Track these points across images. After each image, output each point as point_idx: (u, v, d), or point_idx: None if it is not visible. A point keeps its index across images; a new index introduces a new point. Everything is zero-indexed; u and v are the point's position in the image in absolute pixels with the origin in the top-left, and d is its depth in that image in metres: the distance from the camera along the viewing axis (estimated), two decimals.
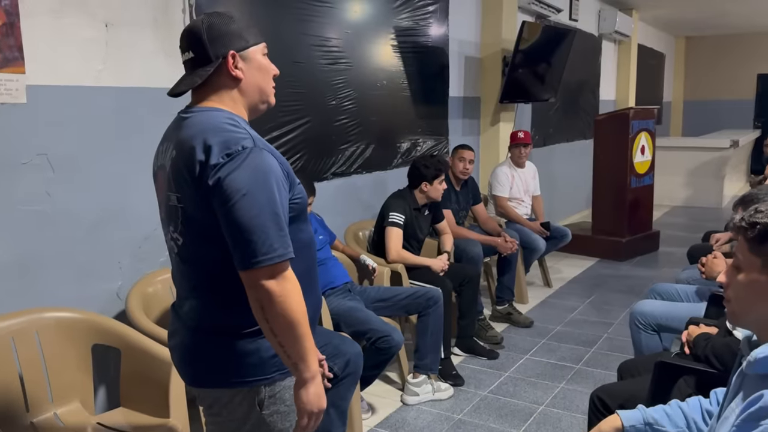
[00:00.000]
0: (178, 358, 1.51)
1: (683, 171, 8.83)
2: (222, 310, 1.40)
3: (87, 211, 2.52)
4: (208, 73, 1.39)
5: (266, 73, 1.47)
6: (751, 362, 1.19)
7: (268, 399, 1.43)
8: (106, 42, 2.55)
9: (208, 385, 1.45)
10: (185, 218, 1.37)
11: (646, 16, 9.45)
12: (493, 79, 5.40)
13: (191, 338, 1.45)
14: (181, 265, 1.45)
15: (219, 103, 1.42)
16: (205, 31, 1.39)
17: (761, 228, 1.21)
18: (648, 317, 2.78)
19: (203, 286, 1.42)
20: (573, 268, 5.63)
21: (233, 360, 1.40)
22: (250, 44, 1.43)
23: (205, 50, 1.39)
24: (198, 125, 1.36)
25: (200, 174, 1.30)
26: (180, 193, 1.36)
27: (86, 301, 2.49)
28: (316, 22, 3.62)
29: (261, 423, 1.44)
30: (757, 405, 1.11)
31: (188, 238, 1.39)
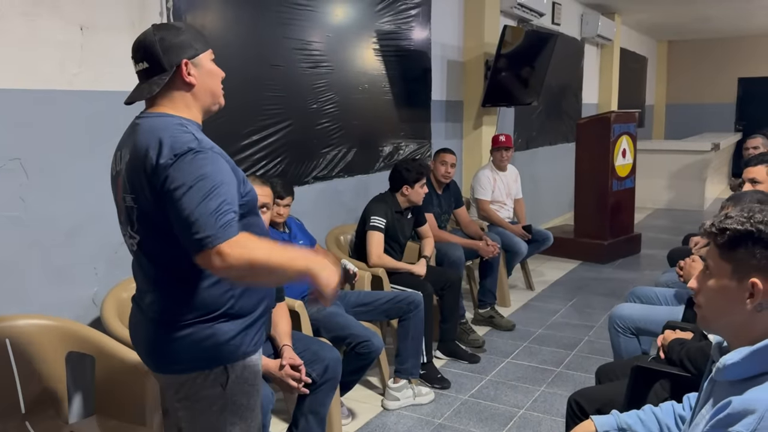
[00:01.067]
0: (142, 348, 1.60)
1: (665, 174, 8.91)
2: (179, 301, 1.50)
3: (62, 216, 2.48)
4: (164, 81, 1.50)
5: (216, 77, 1.59)
6: (720, 369, 1.19)
7: (231, 379, 1.53)
8: (81, 45, 2.53)
9: (173, 371, 1.54)
10: (140, 217, 1.48)
11: (628, 20, 9.54)
12: (475, 83, 5.42)
13: (153, 329, 1.54)
14: (140, 262, 1.55)
15: (172, 108, 1.52)
16: (158, 42, 1.50)
17: (731, 234, 1.21)
18: (626, 321, 2.79)
19: (160, 280, 1.53)
20: (556, 271, 5.65)
21: (193, 346, 1.50)
22: (199, 51, 1.55)
23: (158, 60, 1.50)
24: (150, 130, 1.46)
25: (152, 174, 1.40)
26: (134, 194, 1.47)
27: (62, 307, 2.46)
28: (296, 25, 3.61)
29: (227, 402, 1.54)
30: (725, 412, 1.12)
31: (144, 236, 1.50)
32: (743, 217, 1.21)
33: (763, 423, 1.06)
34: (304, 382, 2.26)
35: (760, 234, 1.18)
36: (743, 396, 1.11)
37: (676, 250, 4.08)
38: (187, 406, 1.55)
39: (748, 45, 11.68)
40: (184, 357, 1.51)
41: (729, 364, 1.17)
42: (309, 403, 2.45)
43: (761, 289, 1.16)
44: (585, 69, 8.31)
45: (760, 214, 1.20)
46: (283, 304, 2.57)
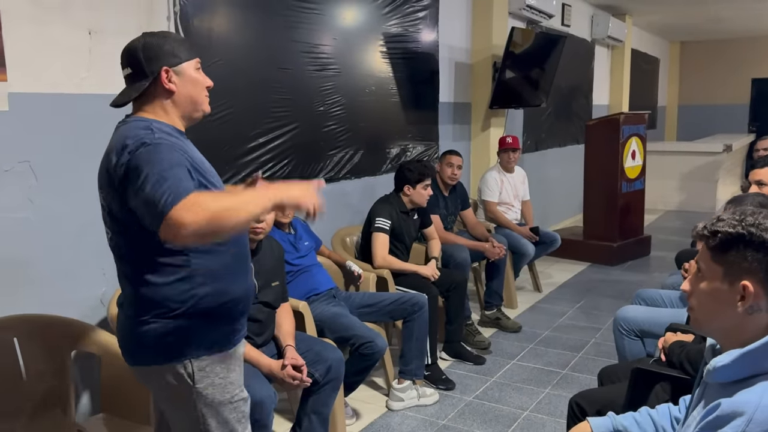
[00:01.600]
0: (119, 342, 1.66)
1: (677, 175, 8.85)
2: (144, 296, 1.55)
3: (70, 218, 2.53)
4: (143, 86, 1.57)
5: (198, 85, 1.63)
6: (710, 371, 1.20)
7: (198, 373, 1.57)
8: (89, 49, 2.57)
9: (141, 363, 1.61)
10: (109, 214, 1.56)
11: (639, 21, 9.49)
12: (483, 85, 5.42)
13: (124, 323, 1.62)
14: (114, 256, 1.62)
15: (151, 113, 1.58)
16: (141, 49, 1.57)
17: (722, 236, 1.22)
18: (631, 323, 2.78)
19: (127, 275, 1.59)
20: (564, 272, 5.64)
21: (157, 340, 1.55)
22: (182, 60, 1.60)
23: (141, 66, 1.57)
24: (121, 134, 1.52)
25: (114, 173, 1.48)
26: (103, 192, 1.55)
27: (70, 307, 2.49)
28: (304, 28, 3.64)
29: (199, 396, 1.59)
30: (714, 414, 1.12)
31: (113, 232, 1.58)
32: (735, 220, 1.22)
33: (751, 426, 1.07)
34: (305, 382, 2.28)
35: (752, 237, 1.18)
36: (732, 398, 1.12)
37: (684, 252, 4.06)
38: (162, 399, 1.67)
39: (762, 45, 11.58)
40: (149, 350, 1.57)
41: (719, 366, 1.18)
42: (312, 403, 2.48)
43: (752, 291, 1.17)
44: (595, 70, 8.28)
45: (752, 216, 1.21)
46: (286, 305, 2.59)
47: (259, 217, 1.58)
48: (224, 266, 1.60)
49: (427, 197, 3.61)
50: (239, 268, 1.65)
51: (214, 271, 1.58)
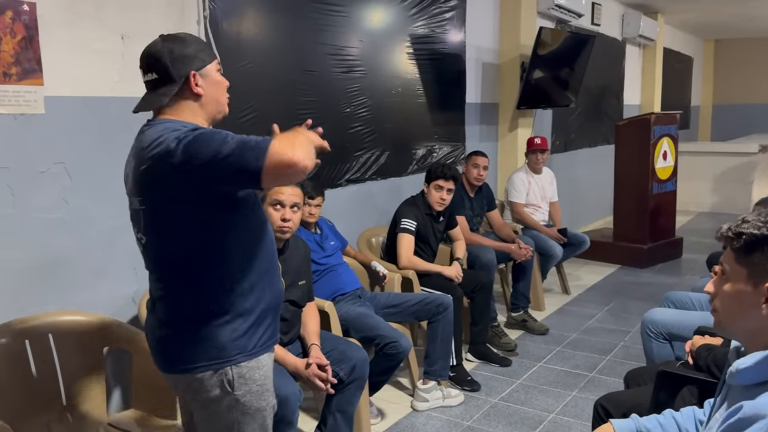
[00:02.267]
0: (152, 348, 1.64)
1: (710, 176, 8.68)
2: (185, 301, 1.54)
3: (103, 218, 2.59)
4: (173, 91, 1.55)
5: (221, 87, 1.64)
6: (733, 373, 1.18)
7: (237, 380, 1.56)
8: (122, 54, 2.63)
9: (177, 371, 1.58)
10: (147, 218, 1.53)
11: (672, 20, 9.33)
12: (511, 85, 5.40)
13: (161, 328, 1.60)
14: (148, 262, 1.61)
15: (178, 116, 1.56)
16: (167, 54, 1.54)
17: (747, 238, 1.21)
18: (659, 326, 2.75)
19: (167, 279, 1.57)
20: (593, 275, 5.57)
21: (199, 346, 1.53)
22: (206, 63, 1.60)
23: (167, 71, 1.54)
24: (151, 134, 1.50)
25: (164, 166, 1.43)
26: (141, 195, 1.52)
27: (103, 305, 2.56)
28: (331, 31, 3.67)
29: (236, 402, 1.57)
30: (736, 416, 1.11)
31: (151, 236, 1.55)
32: (760, 222, 1.20)
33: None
34: (330, 382, 2.30)
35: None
36: (755, 401, 1.11)
37: (715, 255, 3.98)
38: (198, 407, 1.61)
39: None
40: (190, 357, 1.54)
41: (742, 368, 1.16)
42: (337, 402, 2.50)
43: None
44: (627, 70, 8.17)
45: None
46: (312, 305, 2.62)
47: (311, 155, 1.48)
48: (260, 268, 1.59)
49: (439, 200, 3.55)
50: (272, 268, 1.65)
51: (252, 273, 1.56)
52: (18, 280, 2.34)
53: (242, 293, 1.55)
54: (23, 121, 2.32)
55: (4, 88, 2.25)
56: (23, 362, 2.14)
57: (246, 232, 1.57)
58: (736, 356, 1.27)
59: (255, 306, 1.58)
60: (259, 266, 1.58)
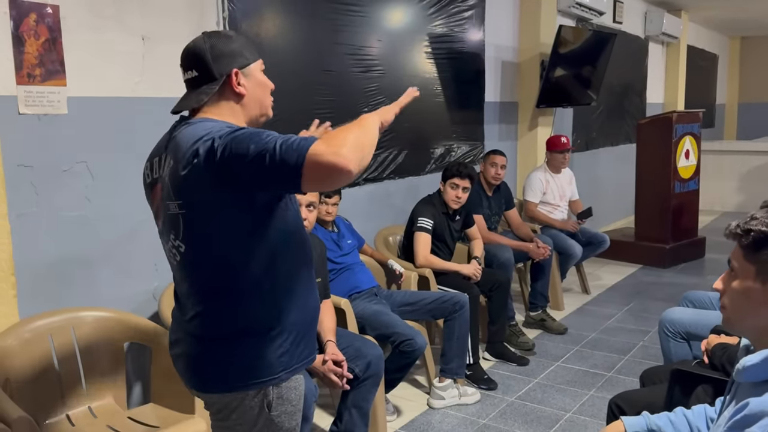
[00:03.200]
0: (183, 366, 1.52)
1: (735, 176, 8.54)
2: (227, 315, 1.43)
3: (124, 215, 2.65)
4: (213, 90, 1.44)
5: (265, 88, 1.54)
6: (740, 370, 1.18)
7: (276, 400, 1.46)
8: (142, 55, 2.69)
9: (218, 391, 1.47)
10: (187, 224, 1.39)
11: (696, 17, 9.20)
12: (531, 84, 5.38)
13: (197, 345, 1.47)
14: (184, 273, 1.47)
15: (218, 115, 1.46)
16: (209, 51, 1.44)
17: (755, 235, 1.20)
18: (677, 325, 2.73)
19: (207, 292, 1.44)
20: (614, 275, 5.53)
21: (241, 364, 1.43)
22: (250, 61, 1.50)
23: (208, 69, 1.45)
24: (191, 134, 1.38)
25: (206, 164, 1.31)
26: (182, 199, 1.38)
27: (124, 301, 2.62)
28: (349, 31, 3.70)
29: (270, 424, 1.47)
30: (742, 413, 1.11)
31: (192, 244, 1.41)
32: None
33: None
34: (345, 378, 2.32)
35: None
36: (761, 398, 1.10)
37: None
38: (227, 426, 1.49)
39: None
40: (229, 376, 1.43)
41: (749, 365, 1.16)
42: (352, 398, 2.52)
43: None
44: (649, 68, 8.07)
45: None
46: (328, 302, 2.65)
47: (381, 126, 1.47)
48: (304, 281, 1.50)
49: (454, 198, 3.56)
50: (311, 280, 1.55)
51: (297, 286, 1.48)
52: (41, 276, 2.40)
53: (286, 307, 1.45)
54: (47, 121, 2.38)
55: (28, 89, 2.31)
56: (46, 356, 2.20)
57: (293, 245, 1.47)
58: (745, 354, 1.27)
59: (298, 320, 1.48)
60: (303, 279, 1.50)
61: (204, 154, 1.32)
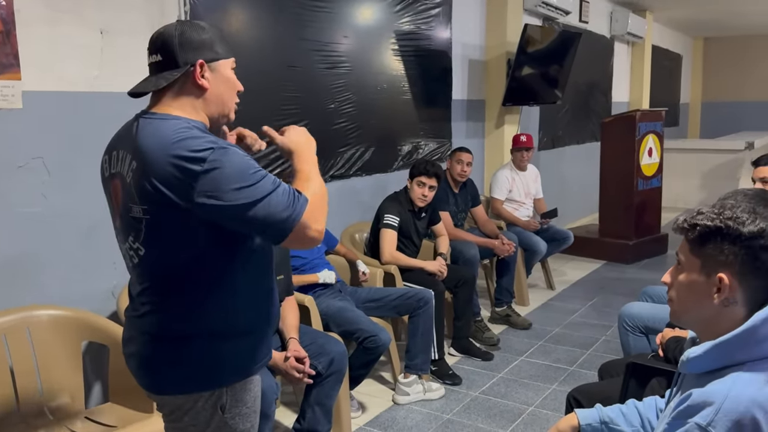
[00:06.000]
0: (135, 365, 1.49)
1: (698, 173, 8.74)
2: (183, 317, 1.41)
3: (82, 212, 2.60)
4: (174, 77, 1.39)
5: (231, 87, 1.48)
6: (684, 362, 1.21)
7: (230, 402, 1.45)
8: (101, 49, 2.64)
9: (170, 392, 1.45)
10: (150, 230, 1.37)
11: (660, 17, 9.37)
12: (497, 82, 5.42)
13: (151, 346, 1.44)
14: (141, 275, 1.44)
15: (179, 110, 1.41)
16: (177, 36, 1.40)
17: (701, 229, 1.22)
18: (635, 319, 2.78)
19: (163, 294, 1.42)
20: (578, 270, 5.61)
21: (195, 365, 1.41)
22: (220, 57, 1.44)
23: (173, 55, 1.39)
24: (158, 136, 1.34)
25: (178, 186, 1.29)
26: (147, 205, 1.34)
27: (82, 299, 2.57)
28: (314, 27, 3.69)
29: (223, 426, 1.45)
30: (686, 403, 1.14)
31: (151, 249, 1.39)
32: (713, 213, 1.22)
33: (719, 415, 1.08)
34: (308, 374, 2.32)
35: (728, 230, 1.19)
36: (703, 389, 1.13)
37: None
38: (179, 428, 1.47)
39: None
40: (183, 378, 1.42)
41: (692, 357, 1.19)
42: (315, 395, 2.52)
43: (727, 284, 1.18)
44: (615, 67, 8.21)
45: (730, 210, 1.21)
46: (291, 298, 2.64)
47: None
48: (265, 285, 1.50)
49: (421, 196, 3.56)
50: (272, 284, 1.54)
51: (258, 290, 1.48)
52: None
53: (244, 310, 1.44)
54: (1, 115, 2.32)
55: None
56: (0, 357, 2.15)
57: (256, 249, 1.45)
58: (691, 346, 1.30)
59: (256, 324, 1.48)
60: (264, 283, 1.49)
61: (181, 185, 1.29)
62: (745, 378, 1.11)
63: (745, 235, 1.15)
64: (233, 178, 1.28)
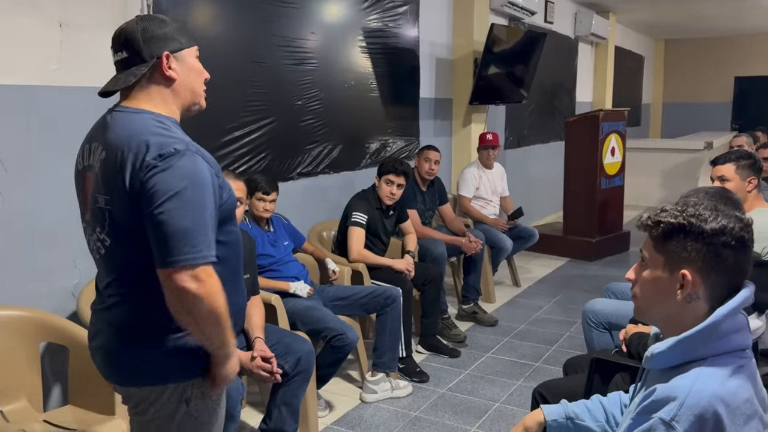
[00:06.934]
0: (101, 358, 1.49)
1: (658, 172, 8.93)
2: (149, 310, 1.41)
3: (42, 210, 2.53)
4: (142, 72, 1.41)
5: (198, 75, 1.51)
6: (648, 357, 1.23)
7: (195, 395, 1.45)
8: (60, 42, 2.57)
9: (136, 384, 1.45)
10: (113, 220, 1.39)
11: (623, 19, 9.55)
12: (465, 81, 5.45)
13: (117, 339, 1.45)
14: (107, 266, 1.45)
15: (149, 104, 1.44)
16: (140, 32, 1.42)
17: (665, 226, 1.25)
18: (599, 316, 2.83)
19: (130, 286, 1.43)
20: (543, 268, 5.69)
21: (161, 358, 1.42)
22: (183, 46, 1.47)
23: (139, 50, 1.42)
24: (128, 128, 1.38)
25: (132, 177, 1.32)
26: (109, 195, 1.37)
27: (41, 299, 2.50)
28: (280, 22, 3.65)
29: (188, 418, 1.46)
30: (650, 399, 1.16)
31: (116, 240, 1.40)
32: (677, 211, 1.25)
33: (683, 410, 1.10)
34: (274, 374, 2.29)
35: (691, 227, 1.21)
36: (667, 384, 1.15)
37: None
38: (144, 420, 1.47)
39: (745, 44, 11.70)
40: (149, 370, 1.42)
41: (656, 352, 1.21)
42: (282, 395, 2.50)
43: (690, 280, 1.20)
44: (579, 67, 8.33)
45: (693, 208, 1.24)
46: (257, 298, 2.61)
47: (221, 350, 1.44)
48: (227, 276, 1.47)
49: (389, 194, 3.56)
50: (237, 278, 1.56)
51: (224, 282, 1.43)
52: None
53: None
54: None
55: None
56: None
57: (221, 243, 1.44)
58: (655, 341, 1.32)
59: None
60: (228, 277, 1.47)
61: (134, 165, 1.32)
62: (707, 373, 1.13)
63: (708, 232, 1.18)
64: (173, 186, 1.30)
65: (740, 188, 2.73)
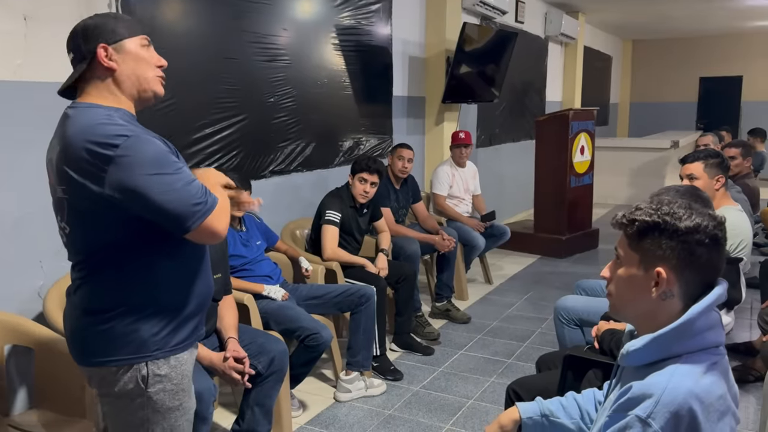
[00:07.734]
0: (69, 338, 1.58)
1: (626, 171, 9.08)
2: (106, 293, 1.49)
3: (6, 208, 2.46)
4: (82, 68, 1.48)
5: (144, 62, 1.54)
6: (624, 355, 1.24)
7: (152, 377, 1.51)
8: (24, 35, 2.49)
9: (94, 364, 1.52)
10: (70, 209, 1.47)
11: (592, 19, 9.69)
12: (437, 79, 5.46)
13: (78, 320, 1.53)
14: (71, 252, 1.55)
15: (98, 97, 1.50)
16: (80, 31, 1.50)
17: (639, 225, 1.26)
18: (570, 312, 2.86)
19: (88, 268, 1.51)
20: (514, 265, 5.74)
21: (116, 339, 1.49)
22: (123, 37, 1.51)
23: (80, 48, 1.50)
24: (77, 123, 1.43)
25: (89, 171, 1.39)
26: (64, 185, 1.45)
27: (6, 300, 2.43)
28: (252, 18, 3.60)
29: (149, 400, 1.52)
30: (626, 396, 1.17)
31: (74, 227, 1.49)
32: (651, 209, 1.26)
33: (658, 407, 1.11)
34: (247, 375, 2.27)
35: (666, 225, 1.22)
36: (643, 381, 1.16)
37: None
38: (108, 402, 1.55)
39: (709, 45, 11.98)
40: (106, 349, 1.49)
41: (632, 350, 1.22)
42: (255, 396, 2.47)
43: (665, 278, 1.21)
44: (549, 67, 8.42)
45: (668, 206, 1.25)
46: (230, 297, 2.57)
47: None
48: (188, 264, 1.56)
49: (362, 193, 3.55)
50: (201, 266, 1.60)
51: (181, 268, 1.54)
52: None
53: (168, 289, 1.51)
54: None
55: None
56: None
57: None
58: (629, 339, 1.34)
59: (182, 303, 1.54)
60: (189, 263, 1.55)
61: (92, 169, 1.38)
62: (682, 370, 1.15)
63: (682, 230, 1.19)
64: (147, 165, 1.38)
65: (708, 186, 2.79)
